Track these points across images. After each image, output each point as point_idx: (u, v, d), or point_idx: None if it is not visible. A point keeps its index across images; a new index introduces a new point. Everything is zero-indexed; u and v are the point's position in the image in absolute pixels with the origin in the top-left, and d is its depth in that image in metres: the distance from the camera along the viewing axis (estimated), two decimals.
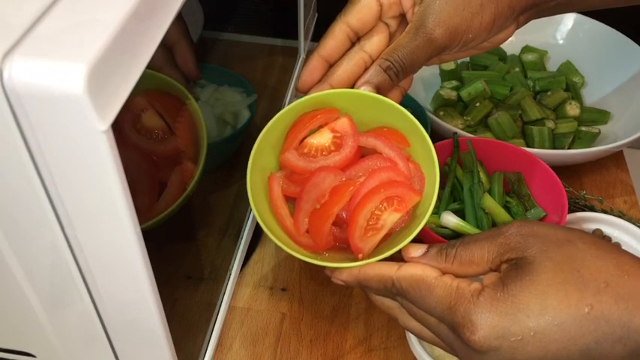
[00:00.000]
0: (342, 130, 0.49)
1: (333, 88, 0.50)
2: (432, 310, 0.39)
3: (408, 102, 0.68)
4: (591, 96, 0.77)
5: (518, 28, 0.51)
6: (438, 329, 0.39)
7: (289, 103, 0.65)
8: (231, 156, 0.62)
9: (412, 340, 0.49)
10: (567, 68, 0.79)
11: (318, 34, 0.90)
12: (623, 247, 0.59)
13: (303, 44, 0.78)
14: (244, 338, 0.53)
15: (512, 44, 0.82)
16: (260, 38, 0.71)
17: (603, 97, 0.75)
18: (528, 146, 0.69)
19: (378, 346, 0.52)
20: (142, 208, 0.30)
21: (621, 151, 0.72)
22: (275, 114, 0.51)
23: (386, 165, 0.48)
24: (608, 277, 0.35)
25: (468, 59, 0.81)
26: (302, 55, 0.79)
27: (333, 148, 0.49)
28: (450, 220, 0.55)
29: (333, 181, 0.47)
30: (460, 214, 0.57)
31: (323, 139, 0.49)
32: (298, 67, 0.78)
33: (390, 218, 0.46)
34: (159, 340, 0.36)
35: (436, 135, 0.65)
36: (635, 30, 0.77)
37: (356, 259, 0.45)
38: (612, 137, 0.70)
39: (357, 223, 0.45)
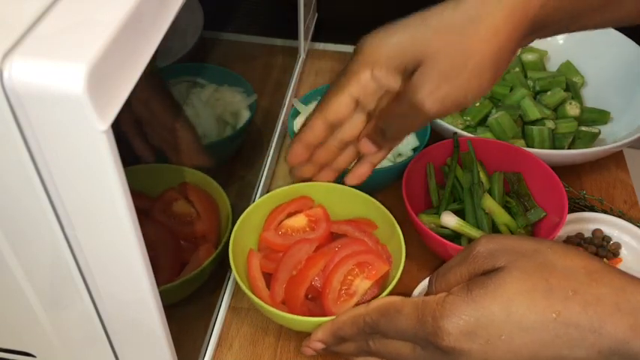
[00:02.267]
0: (316, 216, 0.56)
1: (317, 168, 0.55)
2: (404, 332, 0.39)
3: None
4: (591, 96, 0.77)
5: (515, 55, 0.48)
6: (416, 356, 0.39)
7: (288, 103, 0.65)
8: (232, 155, 0.62)
9: None
10: (567, 68, 0.79)
11: (318, 34, 0.89)
12: (623, 248, 0.59)
13: (303, 44, 0.78)
14: (244, 338, 0.53)
15: None
16: (260, 38, 0.71)
17: (603, 97, 0.75)
18: (528, 146, 0.69)
19: None
20: (161, 283, 0.34)
21: (621, 151, 0.72)
22: (275, 114, 0.51)
23: (357, 241, 0.54)
24: (577, 285, 0.35)
25: None
26: (302, 55, 0.79)
27: (307, 229, 0.55)
28: (450, 220, 0.55)
29: (309, 249, 0.52)
30: (460, 214, 0.57)
31: (299, 221, 0.56)
32: (298, 67, 0.78)
33: (362, 285, 0.50)
34: (159, 340, 0.36)
35: (436, 135, 0.65)
36: (635, 30, 0.77)
37: None
38: (612, 137, 0.70)
39: (331, 284, 0.49)
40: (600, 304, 0.34)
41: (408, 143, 0.65)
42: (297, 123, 0.65)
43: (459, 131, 0.64)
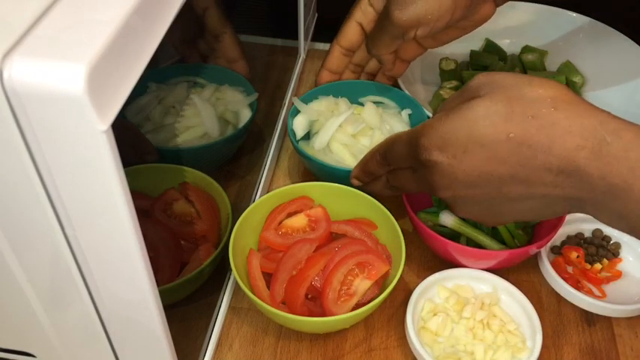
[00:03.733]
0: (316, 216, 0.56)
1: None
2: (402, 157, 0.45)
3: (408, 102, 0.68)
4: (591, 96, 0.77)
5: (498, 5, 0.56)
6: (415, 179, 0.45)
7: (288, 103, 0.65)
8: (232, 155, 0.62)
9: (412, 339, 0.49)
10: (567, 68, 0.79)
11: (318, 34, 0.89)
12: (623, 248, 0.59)
13: (303, 44, 0.78)
14: (244, 338, 0.53)
15: (512, 44, 0.81)
16: (260, 38, 0.71)
17: (603, 97, 0.75)
18: None
19: (378, 346, 0.52)
20: (161, 283, 0.34)
21: None
22: (275, 114, 0.51)
23: (357, 241, 0.54)
24: (537, 111, 0.38)
25: (468, 59, 0.81)
26: (302, 55, 0.79)
27: (307, 229, 0.55)
28: (449, 219, 0.55)
29: (310, 249, 0.52)
30: None
31: (299, 221, 0.56)
32: (298, 66, 0.78)
33: (362, 285, 0.50)
34: (159, 340, 0.36)
35: None
36: (634, 30, 0.77)
37: None
38: None
39: (331, 284, 0.49)
40: (554, 127, 0.38)
41: None
42: (297, 122, 0.65)
43: None
